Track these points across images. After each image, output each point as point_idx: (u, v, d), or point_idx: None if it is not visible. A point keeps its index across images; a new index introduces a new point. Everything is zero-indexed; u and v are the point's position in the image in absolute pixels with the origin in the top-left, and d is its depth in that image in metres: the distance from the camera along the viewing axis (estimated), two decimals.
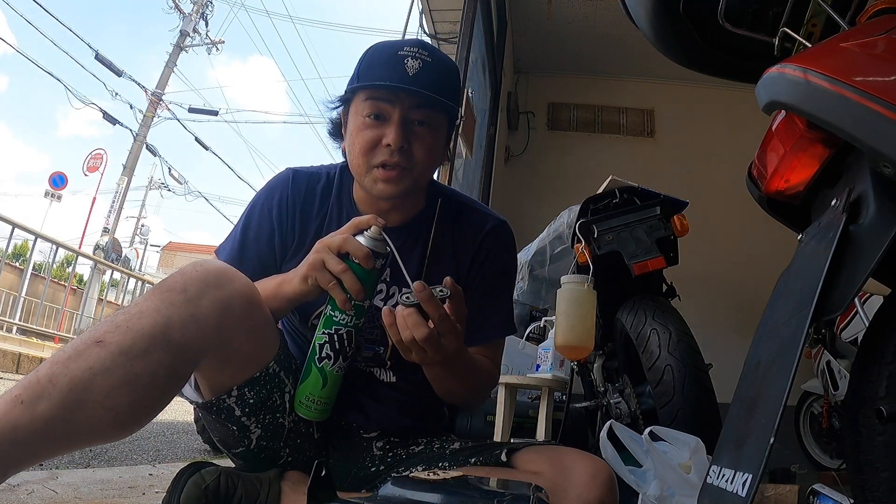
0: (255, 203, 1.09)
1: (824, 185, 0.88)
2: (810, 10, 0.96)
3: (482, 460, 0.97)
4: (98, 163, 12.27)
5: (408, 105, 0.96)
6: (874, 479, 0.76)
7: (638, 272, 1.74)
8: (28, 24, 11.93)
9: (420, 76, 0.94)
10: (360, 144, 0.97)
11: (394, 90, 0.94)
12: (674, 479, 1.12)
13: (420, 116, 0.97)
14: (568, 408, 2.01)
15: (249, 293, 0.84)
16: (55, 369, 0.70)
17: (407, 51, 0.95)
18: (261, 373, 0.89)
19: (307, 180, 1.08)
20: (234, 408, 0.90)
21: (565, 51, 4.49)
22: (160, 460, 2.52)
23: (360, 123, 0.97)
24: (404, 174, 0.97)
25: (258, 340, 0.89)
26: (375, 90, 0.96)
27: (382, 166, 0.96)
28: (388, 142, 0.95)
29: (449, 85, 1.00)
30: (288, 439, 0.96)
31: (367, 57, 1.00)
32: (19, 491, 1.46)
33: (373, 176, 0.98)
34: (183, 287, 0.78)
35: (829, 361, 2.77)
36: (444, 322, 0.84)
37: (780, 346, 0.77)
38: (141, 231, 17.66)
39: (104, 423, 0.71)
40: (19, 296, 6.84)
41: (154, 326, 0.73)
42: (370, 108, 0.96)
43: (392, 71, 0.94)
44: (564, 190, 3.22)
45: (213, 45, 13.59)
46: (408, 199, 1.04)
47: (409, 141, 0.96)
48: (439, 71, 0.97)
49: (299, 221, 1.06)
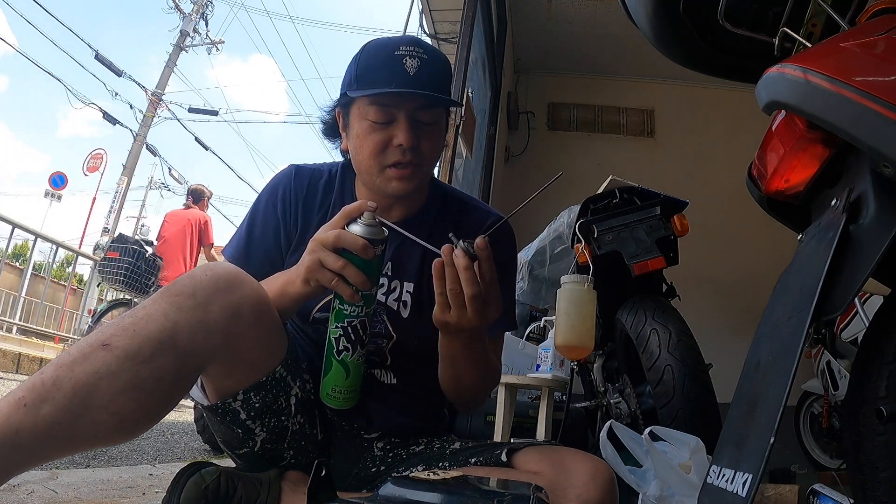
0: (259, 200, 1.09)
1: (824, 185, 0.88)
2: (810, 10, 0.96)
3: (482, 460, 0.97)
4: (98, 163, 12.25)
5: (413, 106, 0.96)
6: (874, 479, 0.76)
7: (638, 272, 1.74)
8: (28, 24, 11.94)
9: (420, 75, 0.95)
10: (369, 147, 0.97)
11: (397, 94, 0.95)
12: (674, 479, 1.12)
13: (425, 116, 0.98)
14: (568, 408, 2.01)
15: (259, 298, 0.83)
16: (60, 372, 0.69)
17: (404, 50, 0.95)
18: (267, 377, 0.89)
19: (309, 176, 1.09)
20: (240, 411, 0.90)
21: (565, 51, 4.49)
22: (160, 460, 2.52)
23: (366, 127, 0.97)
24: (416, 171, 0.99)
25: (266, 345, 0.87)
26: (377, 95, 0.96)
27: (395, 165, 0.97)
28: (399, 142, 0.95)
29: (445, 78, 1.01)
30: (292, 441, 0.96)
31: (363, 58, 0.99)
32: (19, 491, 1.46)
33: (386, 175, 0.98)
34: (192, 291, 0.77)
35: (829, 361, 2.77)
36: (493, 287, 0.82)
37: (780, 346, 0.77)
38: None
39: (107, 428, 0.70)
40: (19, 296, 6.83)
41: (161, 331, 0.72)
42: (376, 113, 0.96)
43: (393, 73, 0.94)
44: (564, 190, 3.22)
45: (213, 45, 13.58)
46: (413, 195, 1.05)
47: (418, 138, 0.97)
48: (435, 66, 0.98)
49: (302, 215, 1.06)
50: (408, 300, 1.04)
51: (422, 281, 1.03)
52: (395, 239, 0.98)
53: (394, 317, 1.03)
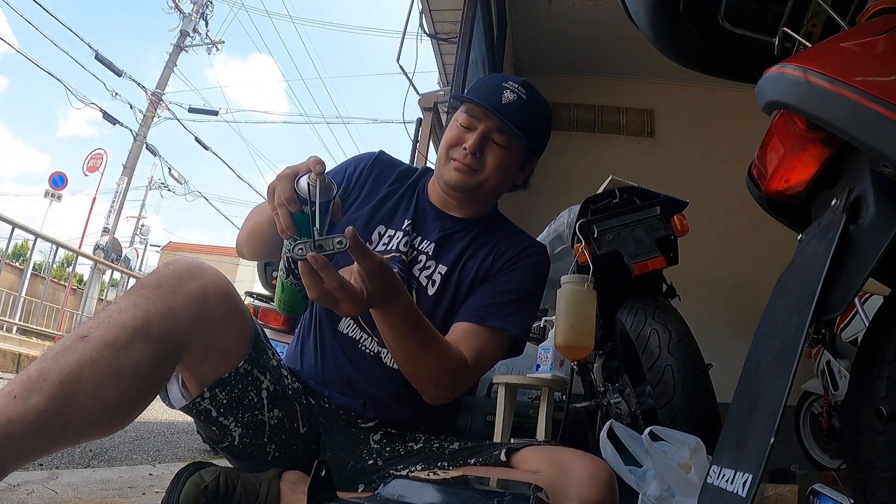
0: (340, 164, 1.28)
1: (824, 185, 0.88)
2: (810, 10, 0.96)
3: (482, 460, 0.97)
4: (98, 163, 12.26)
5: (491, 125, 1.14)
6: (874, 479, 0.76)
7: (638, 272, 1.73)
8: (28, 24, 11.94)
9: (509, 106, 1.13)
10: (448, 139, 1.18)
11: (483, 110, 1.14)
12: (674, 479, 1.12)
13: (498, 138, 1.15)
14: (568, 408, 2.01)
15: (221, 283, 0.88)
16: (45, 365, 0.74)
17: (509, 84, 1.15)
18: (230, 373, 0.92)
19: (391, 161, 1.28)
20: (210, 409, 0.93)
21: (565, 51, 4.49)
22: (160, 460, 2.52)
23: (454, 126, 1.18)
24: (472, 173, 1.15)
25: (234, 328, 0.92)
26: (471, 105, 1.16)
27: (456, 160, 1.15)
28: (465, 145, 1.14)
29: (533, 122, 1.17)
30: (272, 435, 0.99)
31: (480, 80, 1.23)
32: (19, 491, 1.46)
33: (448, 165, 1.17)
34: (157, 283, 0.83)
35: (829, 361, 2.77)
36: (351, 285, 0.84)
37: (780, 346, 0.77)
38: (141, 231, 17.65)
39: (95, 414, 0.74)
40: (19, 296, 6.84)
41: (134, 320, 0.78)
42: (464, 119, 1.17)
43: (490, 96, 1.14)
44: (564, 190, 3.22)
45: (213, 45, 13.59)
46: (472, 202, 1.20)
47: (483, 151, 1.15)
48: (529, 109, 1.15)
49: (370, 184, 1.22)
50: (437, 280, 1.15)
51: (454, 268, 1.16)
52: (445, 229, 1.18)
53: (421, 291, 1.14)
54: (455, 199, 1.19)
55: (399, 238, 1.16)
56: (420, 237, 1.18)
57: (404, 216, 1.19)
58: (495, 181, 1.17)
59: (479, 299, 1.12)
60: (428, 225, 1.19)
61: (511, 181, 1.22)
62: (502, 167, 1.16)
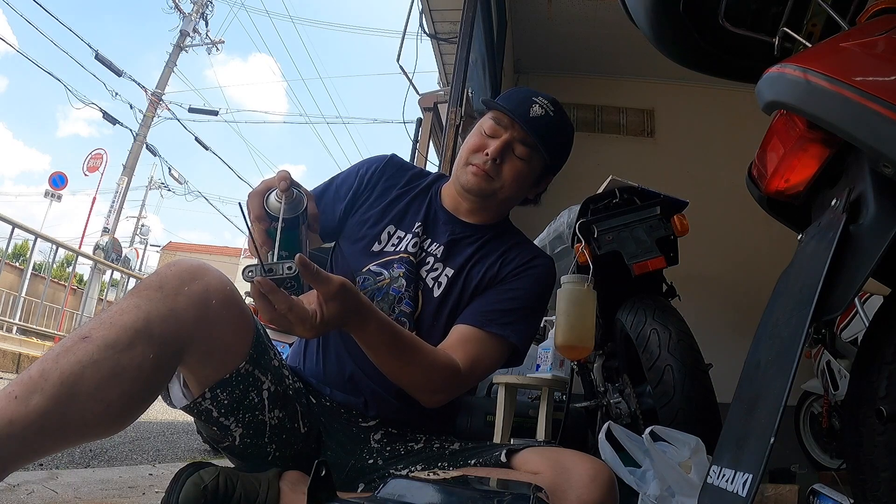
0: (353, 165, 1.29)
1: (824, 185, 0.88)
2: (810, 10, 0.96)
3: (482, 461, 0.97)
4: (98, 163, 12.26)
5: (515, 136, 1.15)
6: (874, 479, 0.76)
7: (638, 272, 1.73)
8: (28, 24, 11.95)
9: (536, 121, 1.14)
10: (471, 144, 1.19)
11: (510, 120, 1.15)
12: (674, 479, 1.12)
13: (520, 149, 1.16)
14: (568, 408, 2.01)
15: (224, 285, 0.88)
16: (46, 365, 0.73)
17: (538, 99, 1.17)
18: (231, 374, 0.92)
19: (403, 164, 1.29)
20: (212, 409, 0.93)
21: (565, 51, 4.49)
22: (160, 460, 2.52)
23: (477, 131, 1.20)
24: (489, 180, 1.15)
25: (237, 329, 0.92)
26: (498, 113, 1.17)
27: (475, 165, 1.16)
28: (487, 151, 1.15)
29: (556, 139, 1.19)
30: (272, 435, 0.99)
31: (511, 91, 1.24)
32: (19, 491, 1.46)
33: (467, 169, 1.17)
34: (159, 284, 0.83)
35: (829, 361, 2.77)
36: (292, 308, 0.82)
37: (780, 346, 0.77)
38: (141, 231, 17.66)
39: (96, 416, 0.74)
40: (19, 296, 6.84)
41: (136, 321, 0.78)
42: (489, 126, 1.18)
43: (517, 106, 1.15)
44: (564, 190, 3.22)
45: (213, 45, 13.59)
46: (484, 208, 1.20)
47: (503, 160, 1.16)
48: (554, 126, 1.17)
49: (381, 187, 1.23)
50: (443, 282, 1.16)
51: (461, 272, 1.16)
52: (455, 233, 1.19)
53: (426, 292, 1.14)
54: (468, 203, 1.20)
55: (409, 240, 1.17)
56: (430, 239, 1.19)
57: (415, 218, 1.20)
58: (510, 191, 1.17)
59: (481, 304, 1.13)
60: (438, 228, 1.20)
61: (524, 194, 1.23)
62: (519, 178, 1.17)
